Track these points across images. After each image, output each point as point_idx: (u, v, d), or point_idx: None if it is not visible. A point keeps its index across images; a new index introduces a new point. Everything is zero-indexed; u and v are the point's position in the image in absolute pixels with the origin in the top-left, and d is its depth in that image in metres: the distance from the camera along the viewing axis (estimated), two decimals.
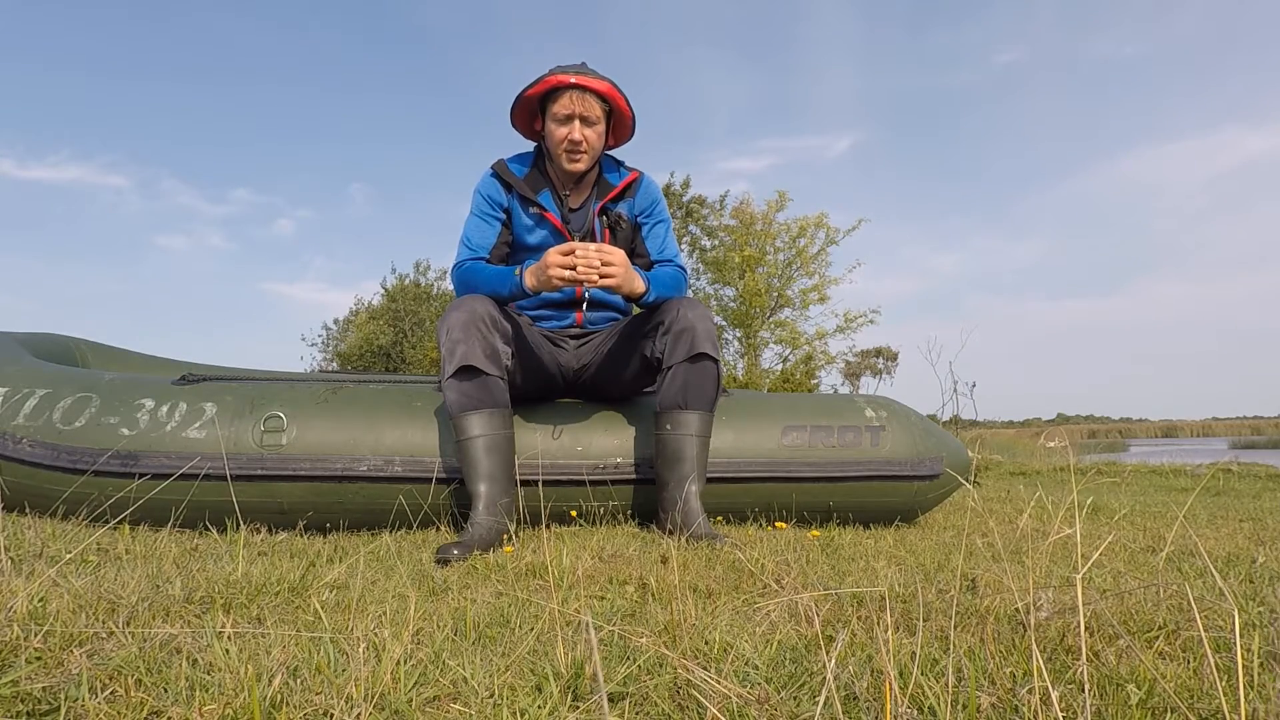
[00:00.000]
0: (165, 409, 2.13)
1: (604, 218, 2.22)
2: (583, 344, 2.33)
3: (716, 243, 19.84)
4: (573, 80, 2.03)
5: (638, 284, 2.04)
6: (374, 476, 2.10)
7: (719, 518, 2.35)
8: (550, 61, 2.29)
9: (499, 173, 2.21)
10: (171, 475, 2.00)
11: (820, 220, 18.86)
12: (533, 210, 2.20)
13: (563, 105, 2.06)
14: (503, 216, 2.22)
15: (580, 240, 2.21)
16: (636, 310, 2.28)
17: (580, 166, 2.14)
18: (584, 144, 2.09)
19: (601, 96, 2.08)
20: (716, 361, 2.08)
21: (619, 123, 2.19)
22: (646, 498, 2.25)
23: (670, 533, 2.01)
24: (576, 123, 2.06)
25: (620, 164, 2.30)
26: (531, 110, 2.17)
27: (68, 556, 1.47)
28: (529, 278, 2.01)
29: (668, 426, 2.09)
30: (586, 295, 2.28)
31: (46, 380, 2.23)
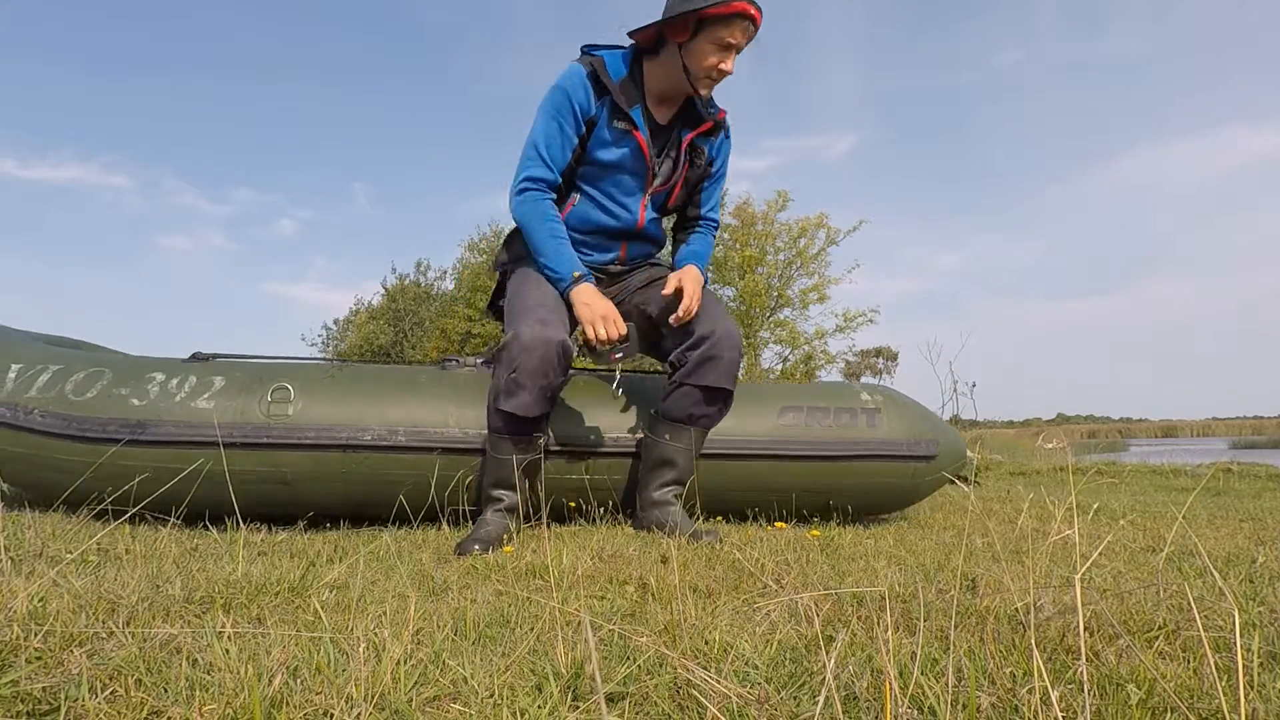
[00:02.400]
0: (175, 381, 2.17)
1: (690, 152, 2.14)
2: (614, 284, 2.29)
3: (715, 242, 19.84)
4: (752, 10, 1.90)
5: (698, 289, 2.09)
6: (378, 445, 2.13)
7: (719, 517, 2.35)
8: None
9: (596, 72, 2.00)
10: (178, 444, 2.04)
11: (820, 220, 18.87)
12: (619, 124, 2.05)
13: (733, 34, 1.92)
14: (582, 130, 2.03)
15: (658, 163, 2.13)
16: (668, 256, 2.36)
17: (707, 93, 2.05)
18: (728, 76, 1.99)
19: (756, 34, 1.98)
20: (730, 394, 2.09)
21: None
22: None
23: (644, 527, 2.09)
24: (733, 55, 1.96)
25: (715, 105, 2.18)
26: (686, 25, 1.94)
27: (68, 557, 1.47)
28: (579, 305, 1.98)
29: (665, 435, 2.11)
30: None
31: (60, 358, 2.27)
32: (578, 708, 0.84)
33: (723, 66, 1.96)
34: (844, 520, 2.43)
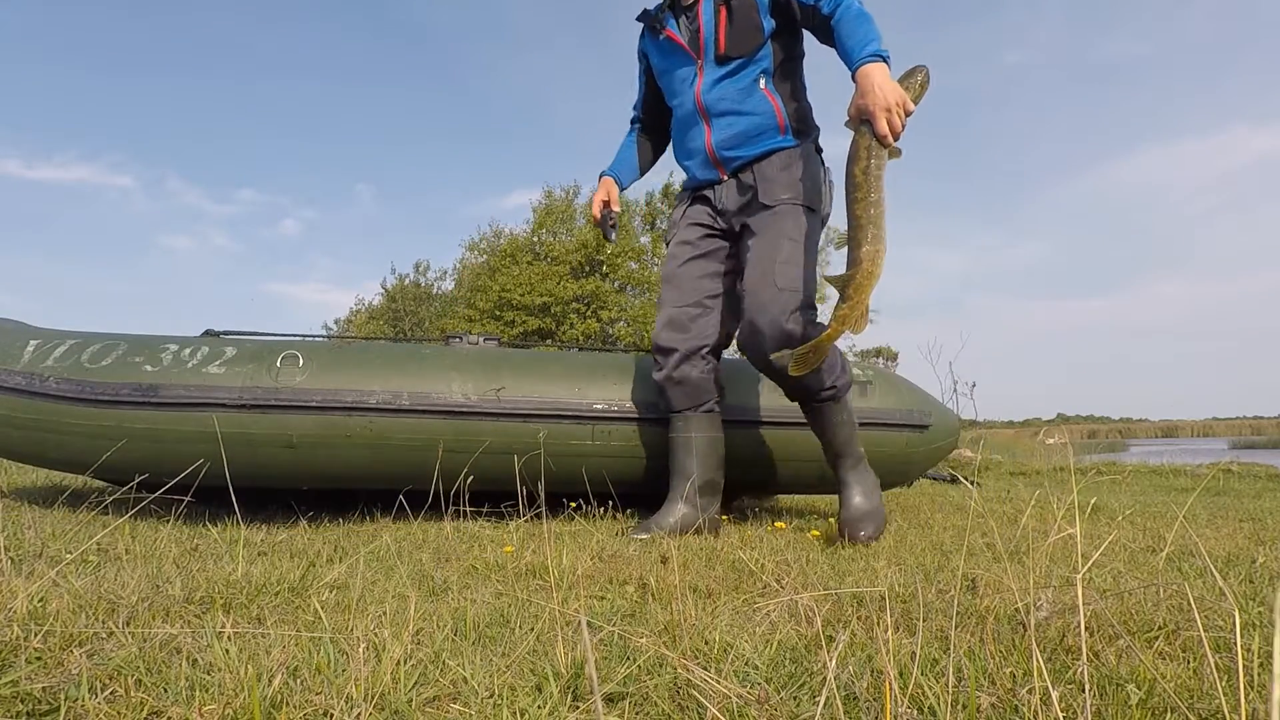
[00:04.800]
0: (188, 351, 2.23)
1: None
2: (728, 230, 2.11)
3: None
4: None
5: (893, 83, 1.75)
6: (383, 408, 2.18)
7: (725, 516, 2.35)
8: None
9: (641, 17, 2.16)
10: (189, 405, 2.09)
11: None
12: (662, 36, 2.10)
13: None
14: (642, 64, 2.25)
15: (691, 41, 2.03)
16: (786, 149, 2.03)
17: None
18: None
19: None
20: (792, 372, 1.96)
21: None
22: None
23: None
24: None
25: None
26: None
27: (68, 557, 1.47)
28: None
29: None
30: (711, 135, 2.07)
31: (75, 335, 2.33)
32: (578, 708, 0.84)
33: None
34: None
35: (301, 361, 2.21)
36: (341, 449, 2.18)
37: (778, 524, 2.29)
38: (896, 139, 1.75)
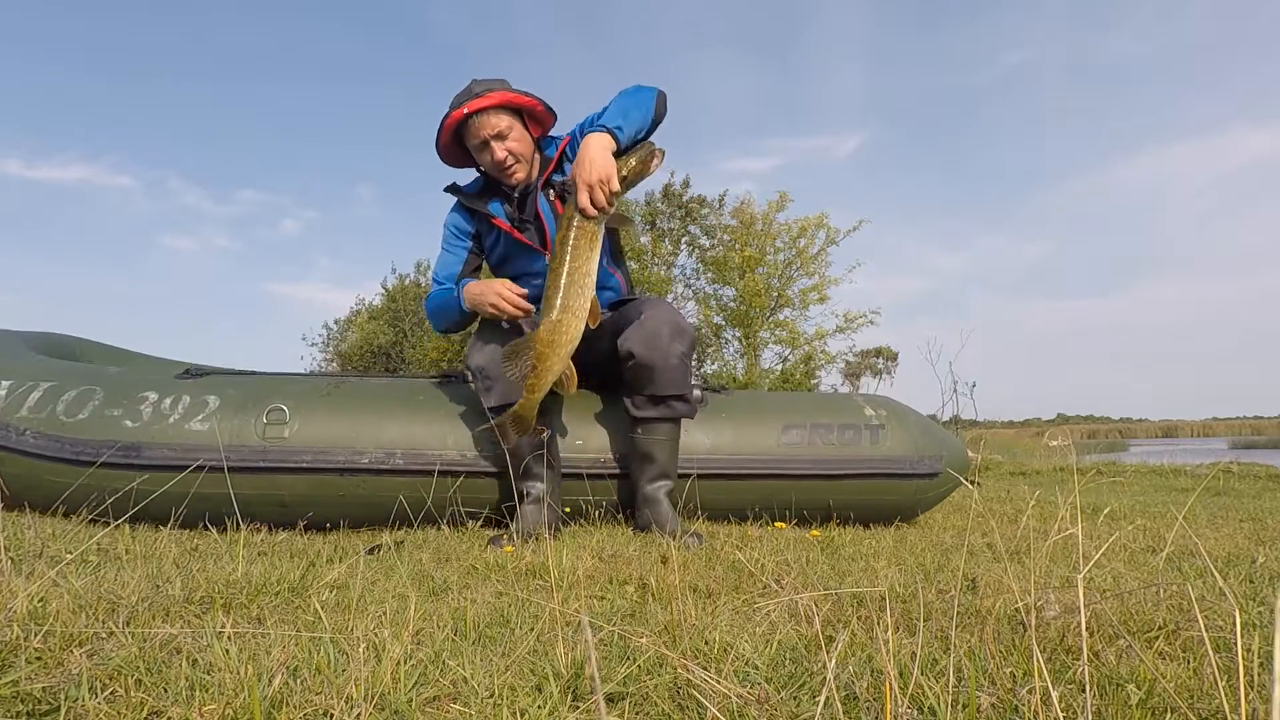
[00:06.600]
0: (169, 402, 2.15)
1: (549, 191, 2.19)
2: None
3: (715, 242, 19.84)
4: (466, 110, 2.06)
5: (608, 158, 1.86)
6: (375, 469, 2.11)
7: (719, 523, 2.35)
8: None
9: (459, 197, 2.26)
10: (173, 468, 2.00)
11: (821, 220, 18.86)
12: (492, 223, 2.24)
13: (472, 134, 2.10)
14: (469, 243, 2.28)
15: (539, 239, 2.19)
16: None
17: (520, 176, 2.16)
18: (509, 157, 2.11)
19: (501, 108, 2.08)
20: (679, 395, 2.08)
21: (533, 116, 2.16)
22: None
23: (642, 528, 2.10)
24: (493, 143, 2.09)
25: (553, 139, 2.26)
26: (457, 149, 2.21)
27: (68, 557, 1.47)
28: (466, 298, 2.13)
29: (639, 430, 2.11)
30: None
31: (51, 374, 2.25)
32: (578, 708, 0.84)
33: (496, 158, 2.09)
34: (844, 521, 2.43)
35: (288, 415, 2.13)
36: (335, 507, 2.13)
37: (778, 524, 2.29)
38: (601, 212, 1.85)
